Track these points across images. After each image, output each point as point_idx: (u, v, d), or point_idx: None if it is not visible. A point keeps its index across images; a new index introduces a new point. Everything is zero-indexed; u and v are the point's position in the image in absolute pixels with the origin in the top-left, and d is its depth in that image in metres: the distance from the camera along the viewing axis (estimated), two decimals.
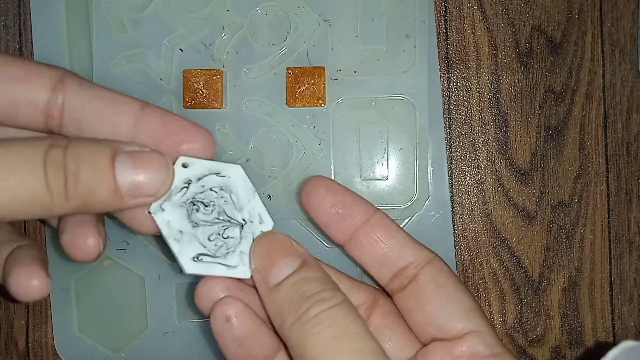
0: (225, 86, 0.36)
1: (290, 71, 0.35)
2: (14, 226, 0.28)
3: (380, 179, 0.36)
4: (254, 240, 0.26)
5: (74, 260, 0.26)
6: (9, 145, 0.21)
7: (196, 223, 0.25)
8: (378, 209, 0.29)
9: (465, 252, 0.38)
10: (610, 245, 0.38)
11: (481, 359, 0.24)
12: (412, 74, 0.36)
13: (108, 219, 0.36)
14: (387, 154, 0.36)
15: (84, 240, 0.25)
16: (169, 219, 0.24)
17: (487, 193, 0.38)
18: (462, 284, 0.27)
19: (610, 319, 0.38)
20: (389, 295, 0.29)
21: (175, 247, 0.24)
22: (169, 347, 0.37)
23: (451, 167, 0.38)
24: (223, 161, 0.26)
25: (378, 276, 0.29)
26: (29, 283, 0.25)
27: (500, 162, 0.38)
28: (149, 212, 0.24)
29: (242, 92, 0.36)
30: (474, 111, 0.38)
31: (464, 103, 0.38)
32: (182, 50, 0.36)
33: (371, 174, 0.36)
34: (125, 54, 0.36)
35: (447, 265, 0.28)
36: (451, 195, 0.37)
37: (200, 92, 0.35)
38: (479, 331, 0.25)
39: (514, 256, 0.38)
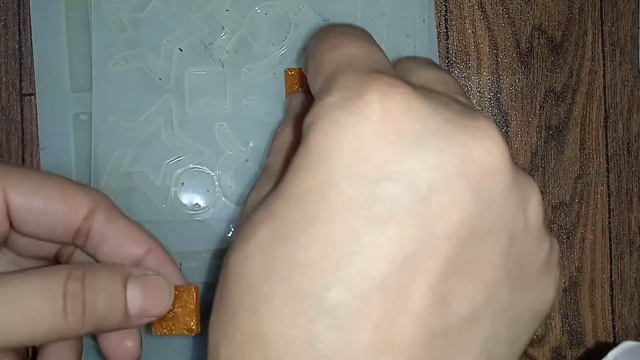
0: (225, 86, 0.36)
1: (289, 72, 0.35)
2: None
3: None
4: None
5: None
6: (29, 277, 0.23)
7: None
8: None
9: None
10: (610, 245, 0.38)
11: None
12: None
13: None
14: None
15: (123, 343, 0.28)
16: None
17: None
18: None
19: (610, 319, 0.38)
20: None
21: None
22: (168, 349, 0.36)
23: None
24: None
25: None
26: None
27: None
28: None
29: (242, 92, 0.36)
30: None
31: None
32: (181, 50, 0.36)
33: None
34: (124, 54, 0.36)
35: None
36: None
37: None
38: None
39: None
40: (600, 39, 0.38)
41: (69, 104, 0.36)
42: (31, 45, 0.37)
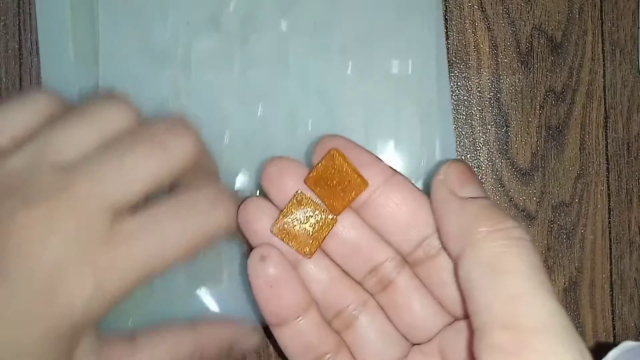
0: (232, 57, 0.35)
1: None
2: None
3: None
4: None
5: None
6: None
7: None
8: (395, 170, 0.27)
9: None
10: (610, 245, 0.38)
11: None
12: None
13: None
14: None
15: None
16: None
17: (488, 193, 0.38)
18: None
19: (610, 319, 0.38)
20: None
21: None
22: (178, 312, 0.36)
23: None
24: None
25: (397, 244, 0.27)
26: None
27: (501, 162, 0.38)
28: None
29: (249, 63, 0.36)
30: (474, 111, 0.38)
31: (464, 103, 0.38)
32: (188, 24, 0.35)
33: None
34: (130, 26, 0.35)
35: None
36: None
37: None
38: None
39: None
40: (600, 39, 0.38)
41: (72, 76, 0.36)
42: (31, 45, 0.37)
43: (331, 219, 0.27)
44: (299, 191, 0.27)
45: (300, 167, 0.27)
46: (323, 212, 0.27)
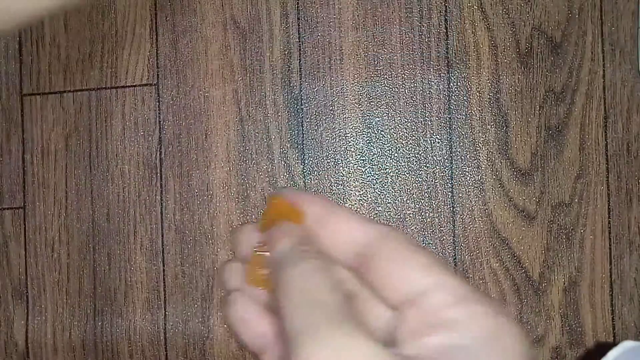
0: None
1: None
2: None
3: None
4: None
5: None
6: None
7: None
8: (331, 201, 0.30)
9: (465, 252, 0.38)
10: (610, 245, 0.38)
11: (450, 307, 0.25)
12: None
13: None
14: None
15: None
16: None
17: (488, 193, 0.38)
18: (418, 246, 0.27)
19: (610, 319, 0.38)
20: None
21: None
22: None
23: (451, 167, 0.38)
24: None
25: (341, 260, 0.30)
26: None
27: (501, 162, 0.38)
28: None
29: None
30: (474, 111, 0.38)
31: (464, 103, 0.38)
32: None
33: None
34: None
35: (402, 234, 0.28)
36: (451, 195, 0.37)
37: None
38: (442, 283, 0.26)
39: (514, 256, 0.38)
40: (600, 39, 0.38)
41: None
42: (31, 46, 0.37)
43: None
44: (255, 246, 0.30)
45: (256, 228, 0.30)
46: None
